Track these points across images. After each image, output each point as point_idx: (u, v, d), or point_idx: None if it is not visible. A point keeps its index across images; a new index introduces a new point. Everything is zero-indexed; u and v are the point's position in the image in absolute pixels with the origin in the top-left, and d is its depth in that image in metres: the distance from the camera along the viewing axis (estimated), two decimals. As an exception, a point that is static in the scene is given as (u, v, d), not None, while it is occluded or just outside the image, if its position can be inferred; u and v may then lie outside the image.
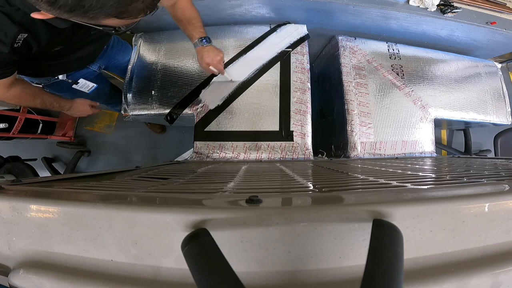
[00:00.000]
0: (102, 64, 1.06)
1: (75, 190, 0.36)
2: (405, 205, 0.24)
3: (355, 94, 1.11)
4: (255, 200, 0.25)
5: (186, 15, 0.88)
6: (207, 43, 0.90)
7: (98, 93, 1.17)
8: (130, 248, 0.25)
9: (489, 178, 0.41)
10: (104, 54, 1.03)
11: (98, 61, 1.03)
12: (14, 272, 0.27)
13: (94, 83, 1.08)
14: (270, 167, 0.75)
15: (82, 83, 1.02)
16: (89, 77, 1.05)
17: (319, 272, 0.23)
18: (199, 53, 0.91)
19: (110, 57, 1.08)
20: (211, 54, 0.90)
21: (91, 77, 1.06)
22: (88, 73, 1.03)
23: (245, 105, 1.04)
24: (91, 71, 1.04)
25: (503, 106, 1.25)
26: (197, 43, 0.90)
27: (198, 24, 0.90)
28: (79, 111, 1.06)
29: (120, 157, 1.92)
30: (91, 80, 1.06)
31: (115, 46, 1.08)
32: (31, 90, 0.86)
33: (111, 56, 1.08)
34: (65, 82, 0.98)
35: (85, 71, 1.01)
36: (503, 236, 0.26)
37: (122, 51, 1.13)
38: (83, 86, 1.03)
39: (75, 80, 1.00)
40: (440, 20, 1.15)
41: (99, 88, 1.14)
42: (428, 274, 0.24)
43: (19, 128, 1.55)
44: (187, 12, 0.88)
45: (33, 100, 0.87)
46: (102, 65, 1.07)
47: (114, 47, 1.07)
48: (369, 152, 1.07)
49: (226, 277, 0.18)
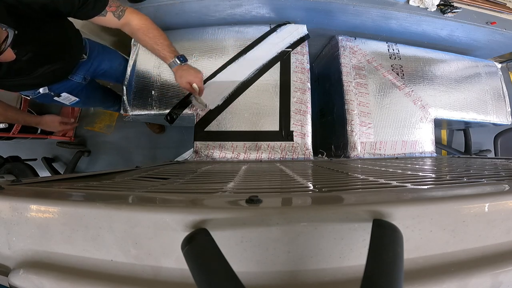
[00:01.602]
0: (87, 75, 1.05)
1: (75, 190, 0.36)
2: (405, 205, 0.24)
3: (355, 94, 1.11)
4: (255, 200, 0.25)
5: (150, 35, 0.85)
6: (184, 62, 0.89)
7: (88, 101, 1.19)
8: (130, 248, 0.25)
9: (489, 178, 0.41)
10: (87, 65, 1.02)
11: (80, 72, 1.01)
12: (14, 272, 0.27)
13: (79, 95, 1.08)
14: (270, 167, 0.75)
15: (64, 96, 1.04)
16: (74, 88, 1.05)
17: (319, 272, 0.23)
18: (178, 73, 0.89)
19: (96, 67, 1.06)
20: (191, 72, 0.89)
21: (77, 88, 1.06)
22: (72, 85, 1.02)
23: (245, 105, 1.04)
24: (75, 83, 1.02)
25: (503, 106, 1.25)
26: (173, 63, 0.88)
27: (166, 42, 0.87)
28: (48, 127, 1.11)
29: (120, 157, 1.92)
30: (77, 91, 1.06)
31: (99, 57, 1.06)
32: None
33: (96, 66, 1.06)
34: (48, 95, 0.99)
35: (68, 83, 1.00)
36: (503, 236, 0.26)
37: (108, 60, 1.10)
38: (65, 99, 1.06)
39: (57, 93, 1.01)
40: (440, 20, 1.15)
41: (88, 97, 1.15)
42: (428, 274, 0.24)
43: (19, 128, 1.54)
44: (149, 32, 0.85)
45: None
46: (88, 75, 1.05)
47: (98, 57, 1.05)
48: (369, 152, 1.07)
49: (226, 277, 0.18)
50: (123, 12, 0.81)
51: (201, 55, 1.11)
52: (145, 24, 0.85)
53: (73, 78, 1.01)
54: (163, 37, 0.87)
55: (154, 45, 0.86)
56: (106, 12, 0.78)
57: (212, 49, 1.12)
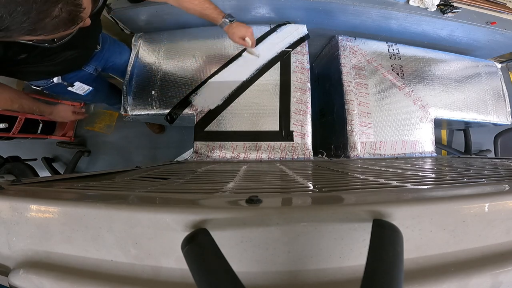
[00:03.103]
0: (98, 66, 1.06)
1: (75, 190, 0.36)
2: (405, 205, 0.24)
3: (355, 94, 1.11)
4: (255, 200, 0.25)
5: (195, 2, 0.90)
6: (233, 20, 0.95)
7: (96, 94, 1.17)
8: (130, 248, 0.25)
9: (489, 178, 0.41)
10: (99, 56, 1.03)
11: (93, 63, 1.03)
12: (14, 272, 0.27)
13: (91, 86, 1.08)
14: (270, 167, 0.75)
15: (78, 85, 1.04)
16: (86, 79, 1.05)
17: (319, 272, 0.23)
18: (229, 30, 0.95)
19: (106, 59, 1.08)
20: (242, 28, 0.95)
21: (88, 79, 1.06)
22: (84, 75, 1.03)
23: (245, 105, 1.04)
24: (87, 73, 1.04)
25: (503, 106, 1.25)
26: (224, 23, 0.94)
27: (211, 6, 0.92)
28: (60, 117, 1.08)
29: (120, 157, 1.92)
30: (88, 81, 1.07)
31: (111, 48, 1.07)
32: (8, 95, 0.86)
33: (107, 58, 1.08)
34: (61, 85, 0.99)
35: (80, 73, 1.01)
36: (503, 236, 0.26)
37: (119, 53, 1.12)
38: (79, 88, 1.06)
39: (70, 83, 1.01)
40: (440, 20, 1.15)
41: (97, 89, 1.15)
42: (428, 274, 0.24)
43: (19, 128, 1.54)
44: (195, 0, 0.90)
45: (11, 105, 0.87)
46: (99, 67, 1.07)
47: (110, 49, 1.07)
48: (369, 152, 1.07)
49: (226, 277, 0.18)
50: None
51: (201, 55, 1.11)
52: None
53: (86, 69, 1.02)
54: (208, 1, 0.91)
55: (202, 10, 0.91)
56: None
57: (212, 49, 1.12)
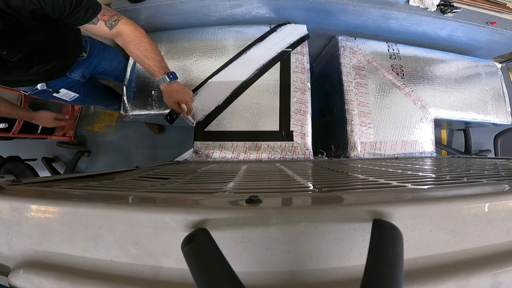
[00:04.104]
0: (86, 73, 1.05)
1: (75, 190, 0.36)
2: (405, 205, 0.24)
3: (355, 94, 1.11)
4: (255, 200, 0.25)
5: (141, 49, 0.82)
6: (174, 79, 0.86)
7: (85, 99, 1.19)
8: (130, 248, 0.25)
9: (489, 178, 0.41)
10: (86, 63, 1.02)
11: (79, 70, 1.02)
12: (14, 272, 0.27)
13: (78, 92, 1.09)
14: (270, 167, 0.75)
15: (63, 92, 1.05)
16: (73, 85, 1.05)
17: (319, 272, 0.23)
18: (166, 91, 0.87)
19: (95, 65, 1.06)
20: (180, 92, 0.87)
21: (76, 85, 1.06)
22: (70, 82, 1.03)
23: (245, 105, 1.04)
24: (74, 80, 1.03)
25: (503, 106, 1.25)
26: (162, 80, 0.85)
27: (157, 57, 0.84)
28: (42, 122, 1.12)
29: (120, 157, 1.92)
30: (75, 88, 1.07)
31: (99, 55, 1.06)
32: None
33: (96, 64, 1.06)
34: (46, 91, 0.99)
35: (66, 80, 1.01)
36: (503, 236, 0.26)
37: (109, 59, 1.10)
38: (64, 95, 1.07)
39: (56, 90, 1.01)
40: (440, 20, 1.15)
41: (86, 95, 1.15)
42: (428, 274, 0.24)
43: (19, 128, 1.54)
44: (141, 45, 0.82)
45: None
46: (87, 73, 1.06)
47: (98, 55, 1.06)
48: (369, 152, 1.07)
49: (226, 277, 0.18)
50: (116, 22, 0.78)
51: (201, 55, 1.11)
52: (138, 36, 0.81)
53: (71, 76, 1.01)
54: (155, 52, 0.84)
55: (144, 59, 0.83)
56: (98, 20, 0.75)
57: (212, 49, 1.12)
